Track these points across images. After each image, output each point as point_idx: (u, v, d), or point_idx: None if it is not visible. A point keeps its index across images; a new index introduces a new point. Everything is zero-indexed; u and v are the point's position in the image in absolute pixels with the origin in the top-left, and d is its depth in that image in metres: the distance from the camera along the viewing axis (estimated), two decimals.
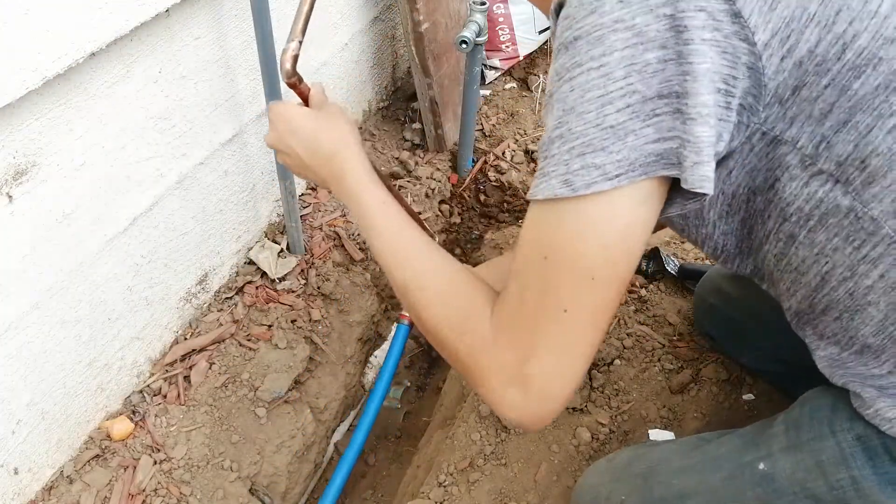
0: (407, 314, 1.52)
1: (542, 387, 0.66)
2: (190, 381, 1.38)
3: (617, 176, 0.59)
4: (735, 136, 0.63)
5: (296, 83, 0.95)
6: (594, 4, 0.58)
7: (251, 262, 1.59)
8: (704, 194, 0.60)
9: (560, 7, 0.63)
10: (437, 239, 1.88)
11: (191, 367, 1.40)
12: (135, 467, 1.26)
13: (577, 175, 0.60)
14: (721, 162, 0.66)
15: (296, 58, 0.93)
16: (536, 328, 0.65)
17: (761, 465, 0.85)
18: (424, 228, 0.95)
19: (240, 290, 1.54)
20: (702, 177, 0.59)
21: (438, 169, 1.95)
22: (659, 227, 1.04)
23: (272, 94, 1.32)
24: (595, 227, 0.61)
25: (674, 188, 0.63)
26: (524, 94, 2.28)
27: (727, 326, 1.28)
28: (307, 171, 0.93)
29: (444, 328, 0.73)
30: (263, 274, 1.57)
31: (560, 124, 0.61)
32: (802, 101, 0.61)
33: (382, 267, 0.82)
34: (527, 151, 2.15)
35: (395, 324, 1.58)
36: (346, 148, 0.89)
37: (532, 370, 0.65)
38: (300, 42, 0.93)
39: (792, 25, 0.58)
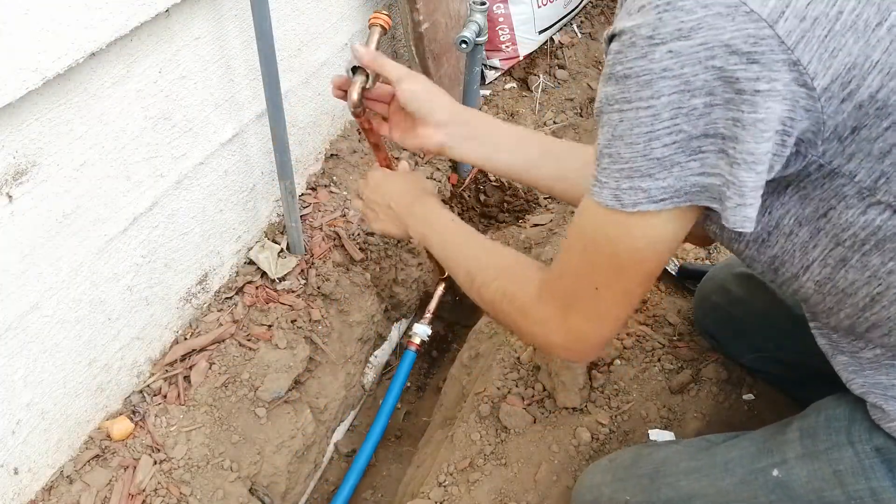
0: (415, 341, 1.67)
1: (579, 335, 0.80)
2: (190, 381, 1.38)
3: (662, 200, 0.66)
4: (792, 163, 0.65)
5: (359, 113, 1.09)
6: (645, 49, 0.61)
7: (251, 262, 1.59)
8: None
9: (612, 37, 0.65)
10: None
11: (191, 367, 1.40)
12: (135, 467, 1.26)
13: (626, 194, 0.67)
14: (776, 181, 0.68)
15: (363, 90, 1.06)
16: (573, 296, 0.78)
17: (775, 472, 0.85)
18: None
19: (240, 290, 1.54)
20: (744, 217, 0.63)
21: (438, 169, 1.95)
22: (708, 241, 1.08)
23: (272, 94, 1.32)
24: (632, 235, 0.70)
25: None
26: (524, 94, 2.28)
27: (729, 326, 1.28)
28: (389, 209, 1.11)
29: (500, 296, 0.88)
30: (263, 274, 1.57)
31: (610, 145, 0.66)
32: (861, 140, 0.62)
33: (451, 266, 1.00)
34: None
35: (405, 350, 1.69)
36: (426, 189, 1.13)
37: (570, 324, 0.79)
38: (367, 76, 1.05)
39: (854, 72, 0.59)
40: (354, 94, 1.05)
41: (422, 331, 1.66)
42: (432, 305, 1.70)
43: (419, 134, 1.07)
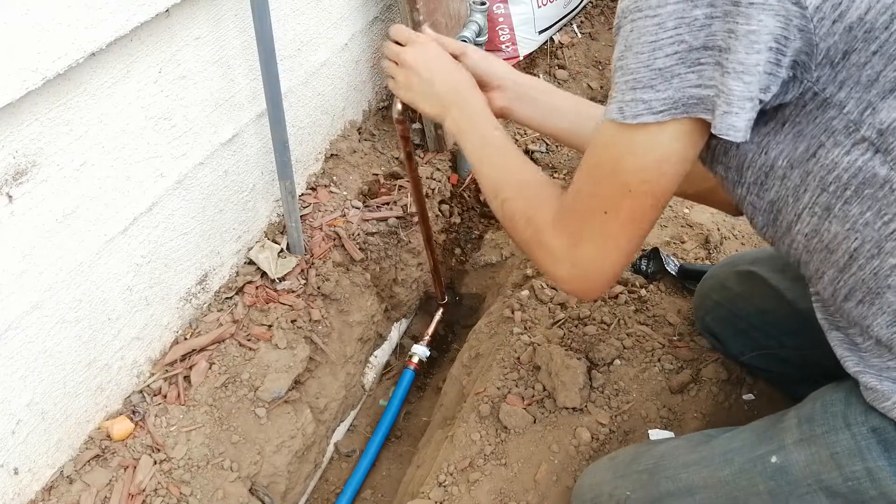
0: (413, 361, 1.77)
1: (586, 267, 0.81)
2: (190, 381, 1.38)
3: (661, 111, 0.69)
4: (791, 88, 0.69)
5: (403, 120, 1.25)
6: None
7: (251, 262, 1.59)
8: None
9: None
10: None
11: (191, 367, 1.40)
12: (135, 467, 1.26)
13: (628, 105, 0.71)
14: (776, 112, 0.73)
15: (404, 110, 1.20)
16: (583, 222, 0.80)
17: (774, 459, 0.86)
18: None
19: (240, 290, 1.54)
20: (729, 125, 0.67)
21: (438, 169, 1.95)
22: (738, 212, 1.08)
23: (272, 94, 1.32)
24: (635, 151, 0.73)
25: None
26: None
27: (731, 324, 1.28)
28: (431, 86, 1.07)
29: (518, 215, 0.90)
30: (263, 274, 1.57)
31: (621, 57, 0.71)
32: (851, 65, 0.66)
33: (479, 171, 1.00)
34: (527, 151, 2.15)
35: (404, 369, 1.80)
36: (475, 85, 1.08)
37: (578, 253, 0.81)
38: None
39: None
40: (399, 105, 1.17)
41: (421, 351, 1.78)
42: (431, 329, 1.83)
43: None
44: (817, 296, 0.86)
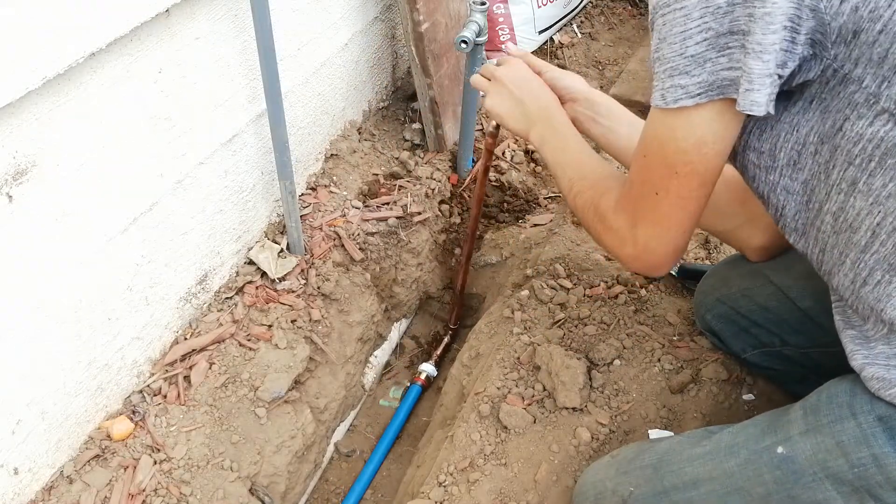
0: (421, 377, 1.83)
1: (646, 244, 0.89)
2: (190, 381, 1.38)
3: (697, 94, 0.75)
4: (813, 66, 0.74)
5: (494, 134, 1.42)
6: None
7: (251, 262, 1.59)
8: (767, 115, 0.73)
9: None
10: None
11: (191, 367, 1.40)
12: (135, 467, 1.26)
13: (668, 92, 0.77)
14: (804, 91, 0.77)
15: (498, 126, 1.39)
16: (638, 204, 0.88)
17: (780, 449, 0.87)
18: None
19: (240, 290, 1.54)
20: (751, 101, 0.72)
21: (438, 169, 1.95)
22: (759, 255, 1.20)
23: (272, 94, 1.32)
24: (677, 136, 0.79)
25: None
26: None
27: (733, 321, 1.28)
28: (521, 103, 1.19)
29: (587, 205, 1.00)
30: (263, 274, 1.57)
31: (657, 49, 0.78)
32: (862, 44, 0.70)
33: (557, 172, 1.10)
34: (526, 151, 2.15)
35: (409, 384, 1.85)
36: (558, 103, 1.19)
37: (638, 232, 0.89)
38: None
39: None
40: (491, 127, 1.30)
41: (430, 370, 1.83)
42: (439, 350, 1.89)
43: None
44: (835, 292, 0.87)
